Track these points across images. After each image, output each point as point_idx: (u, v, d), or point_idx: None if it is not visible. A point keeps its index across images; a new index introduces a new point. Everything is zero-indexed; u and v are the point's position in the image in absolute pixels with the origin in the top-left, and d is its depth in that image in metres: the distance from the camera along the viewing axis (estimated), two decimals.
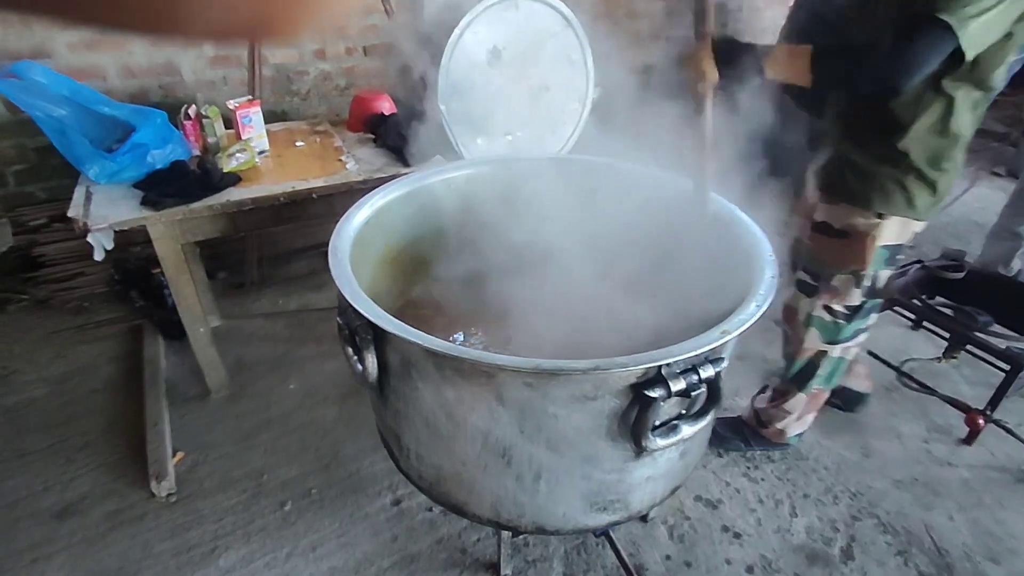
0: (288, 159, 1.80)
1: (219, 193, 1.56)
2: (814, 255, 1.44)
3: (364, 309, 0.97)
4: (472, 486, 1.09)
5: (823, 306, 1.45)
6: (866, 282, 1.38)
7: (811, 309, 1.47)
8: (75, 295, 2.28)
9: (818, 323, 1.47)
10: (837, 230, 1.36)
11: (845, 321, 1.44)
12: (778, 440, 1.72)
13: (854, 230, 1.34)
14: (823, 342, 1.49)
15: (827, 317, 1.46)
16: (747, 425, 1.77)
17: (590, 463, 1.03)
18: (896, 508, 1.62)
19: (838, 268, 1.39)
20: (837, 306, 1.43)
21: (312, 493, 1.60)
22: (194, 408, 1.87)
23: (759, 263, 1.12)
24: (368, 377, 1.03)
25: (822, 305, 1.44)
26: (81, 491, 1.58)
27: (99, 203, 1.52)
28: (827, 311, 1.45)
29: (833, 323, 1.46)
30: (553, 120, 3.06)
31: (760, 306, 1.01)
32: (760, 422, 1.72)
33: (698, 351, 0.91)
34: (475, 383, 0.94)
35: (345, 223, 1.24)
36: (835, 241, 1.37)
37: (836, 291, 1.41)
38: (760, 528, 1.56)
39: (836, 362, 1.54)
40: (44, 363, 2.02)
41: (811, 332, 1.49)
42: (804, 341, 1.51)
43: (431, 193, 1.47)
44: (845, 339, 1.48)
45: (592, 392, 0.92)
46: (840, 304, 1.43)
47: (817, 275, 1.43)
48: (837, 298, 1.42)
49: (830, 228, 1.37)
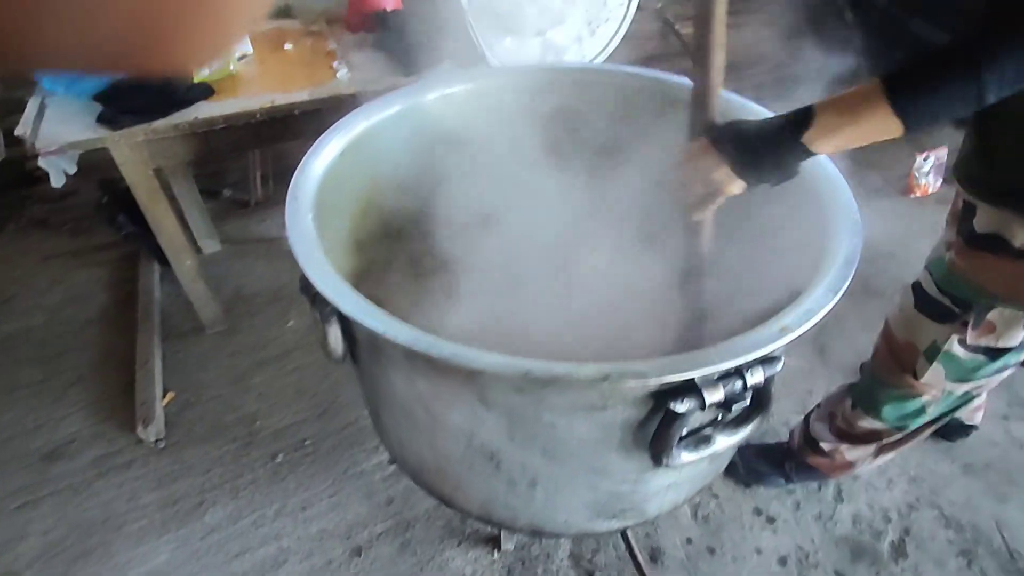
0: (272, 65, 1.53)
1: (187, 109, 1.33)
2: (966, 275, 0.95)
3: (315, 278, 0.76)
4: (458, 483, 0.93)
5: (959, 340, 0.98)
6: None
7: (940, 339, 1.00)
8: (70, 215, 2.15)
9: (947, 360, 1.00)
10: (1016, 249, 0.86)
11: (987, 359, 0.98)
12: (840, 474, 1.33)
13: None
14: (950, 381, 1.03)
15: (962, 354, 0.99)
16: (793, 455, 1.37)
17: (597, 474, 0.84)
18: (962, 498, 1.41)
19: (1006, 300, 0.91)
20: (982, 342, 0.97)
21: (306, 444, 1.49)
22: (189, 343, 1.75)
23: (834, 225, 0.85)
24: (331, 354, 0.84)
25: (958, 339, 0.98)
26: (70, 431, 1.51)
27: (52, 118, 1.31)
28: (963, 346, 0.98)
29: (970, 360, 0.99)
30: (594, 16, 2.64)
31: (836, 291, 0.75)
32: (815, 449, 1.30)
33: (744, 358, 0.68)
34: (452, 380, 0.74)
35: (312, 156, 1.01)
36: (1010, 263, 0.88)
37: (990, 327, 0.94)
38: (798, 513, 1.38)
39: (957, 399, 1.10)
40: (42, 289, 1.93)
41: (934, 369, 1.03)
42: (918, 377, 1.05)
43: (426, 114, 1.20)
44: (984, 376, 1.02)
45: (600, 402, 0.71)
46: (989, 342, 0.96)
47: (965, 302, 0.96)
48: (987, 336, 0.96)
49: (1003, 244, 0.88)
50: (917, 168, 2.24)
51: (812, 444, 1.30)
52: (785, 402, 1.61)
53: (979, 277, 0.93)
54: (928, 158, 2.23)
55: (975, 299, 0.94)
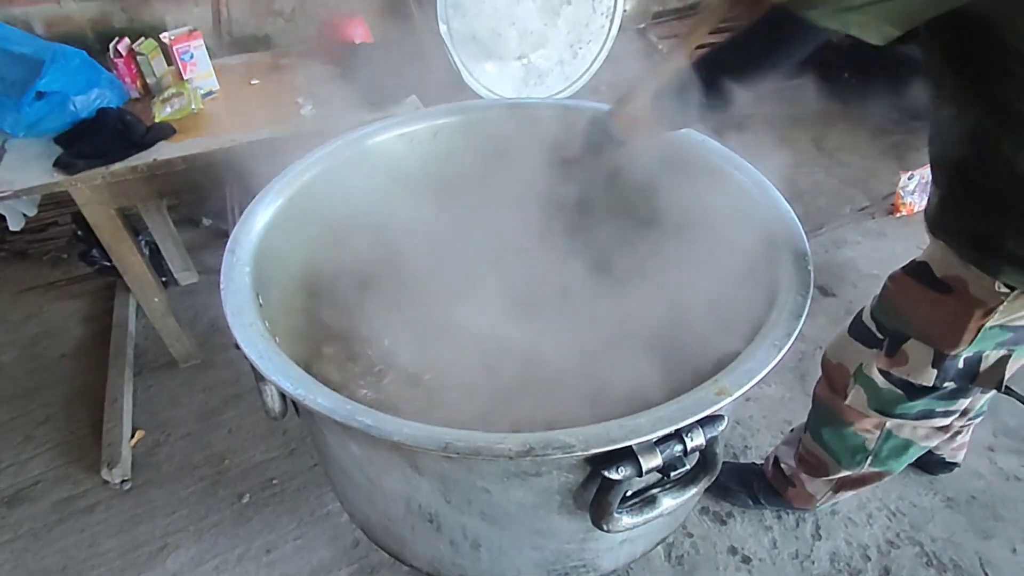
0: (238, 102, 1.53)
1: (146, 151, 1.32)
2: (892, 301, 0.95)
3: (242, 338, 0.74)
4: (403, 541, 0.90)
5: (878, 368, 0.98)
6: (956, 363, 0.89)
7: (864, 363, 1.00)
8: (50, 246, 2.14)
9: (866, 384, 1.00)
10: (937, 279, 0.86)
11: (905, 395, 0.96)
12: (802, 505, 1.31)
13: (962, 288, 0.82)
14: (871, 409, 1.02)
15: (880, 381, 0.98)
16: (763, 477, 1.37)
17: (541, 535, 0.81)
18: (945, 534, 1.36)
19: (919, 333, 0.90)
20: (896, 373, 0.96)
21: (273, 484, 1.47)
22: (162, 378, 1.74)
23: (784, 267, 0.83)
24: (269, 412, 0.82)
25: (877, 367, 0.98)
26: (35, 473, 1.49)
27: (10, 162, 1.31)
28: (882, 374, 0.98)
29: (887, 390, 0.98)
30: (575, 39, 2.64)
31: (779, 348, 0.73)
32: (779, 471, 1.30)
33: (680, 423, 0.65)
34: (381, 447, 0.72)
35: (257, 205, 1.00)
36: (929, 293, 0.87)
37: (903, 359, 0.93)
38: (775, 552, 1.34)
39: (900, 446, 1.06)
40: (17, 323, 1.92)
41: (856, 391, 1.02)
42: (846, 397, 1.04)
43: (384, 155, 1.18)
44: (905, 415, 1.00)
45: (533, 468, 0.69)
46: (902, 374, 0.95)
47: (884, 328, 0.96)
48: (901, 367, 0.94)
49: (928, 273, 0.87)
50: (902, 187, 2.21)
51: (776, 465, 1.32)
52: (765, 433, 1.58)
53: (901, 304, 0.94)
54: (912, 177, 2.20)
55: (894, 327, 0.95)
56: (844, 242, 2.17)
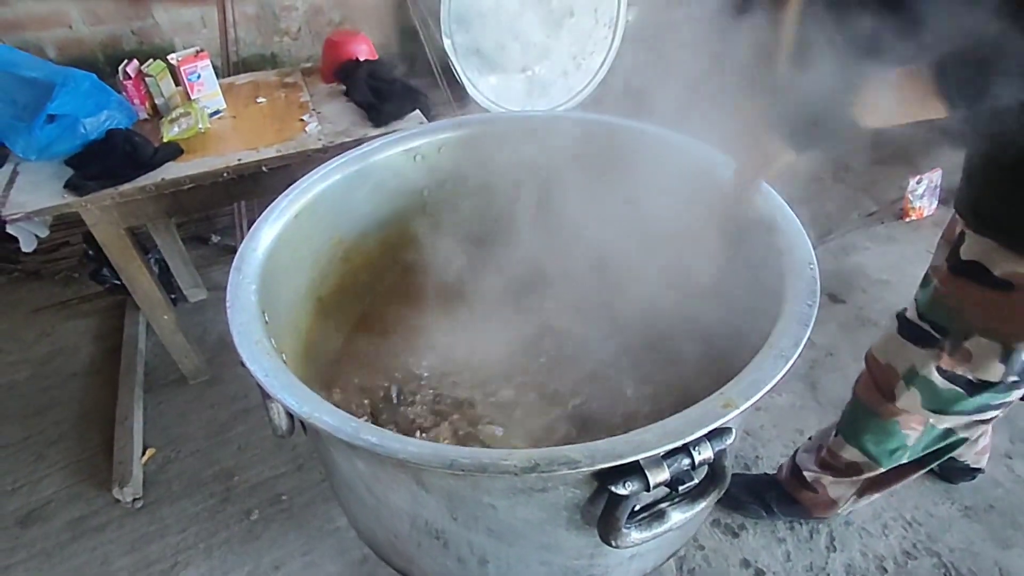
0: (244, 121, 1.55)
1: (154, 171, 1.34)
2: (946, 301, 0.95)
3: (247, 356, 0.75)
4: (410, 558, 0.90)
5: (936, 366, 0.97)
6: (1021, 356, 0.90)
7: (918, 364, 0.99)
8: (62, 266, 2.17)
9: (923, 385, 0.99)
10: (996, 278, 0.87)
11: (966, 392, 0.96)
12: (821, 513, 1.30)
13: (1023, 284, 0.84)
14: (925, 409, 1.01)
15: (939, 381, 0.97)
16: (777, 487, 1.36)
17: (549, 551, 0.80)
18: (963, 544, 1.34)
19: (982, 330, 0.90)
20: (959, 372, 0.95)
21: (282, 500, 1.47)
22: (172, 394, 1.75)
23: (790, 287, 0.82)
24: (276, 430, 0.82)
25: (935, 365, 0.97)
26: (48, 492, 1.50)
27: (23, 185, 1.33)
28: (940, 374, 0.97)
29: (947, 390, 0.97)
30: (578, 51, 2.65)
31: (786, 358, 0.72)
32: (801, 483, 1.28)
33: (687, 437, 0.65)
34: (387, 464, 0.72)
35: (263, 222, 1.01)
36: (989, 293, 0.88)
37: (966, 356, 0.93)
38: (788, 565, 1.32)
39: (940, 436, 1.06)
40: (29, 342, 1.94)
41: (910, 393, 1.01)
42: (896, 401, 1.03)
43: (389, 170, 1.19)
44: (963, 412, 1.00)
45: (539, 484, 0.68)
46: (966, 372, 0.95)
47: (944, 329, 0.95)
48: (964, 365, 0.94)
49: (984, 273, 0.88)
50: (911, 191, 2.20)
51: (797, 474, 1.30)
52: (776, 443, 1.56)
53: (959, 304, 0.93)
54: (921, 181, 2.18)
55: (953, 326, 0.94)
56: (853, 248, 2.15)
